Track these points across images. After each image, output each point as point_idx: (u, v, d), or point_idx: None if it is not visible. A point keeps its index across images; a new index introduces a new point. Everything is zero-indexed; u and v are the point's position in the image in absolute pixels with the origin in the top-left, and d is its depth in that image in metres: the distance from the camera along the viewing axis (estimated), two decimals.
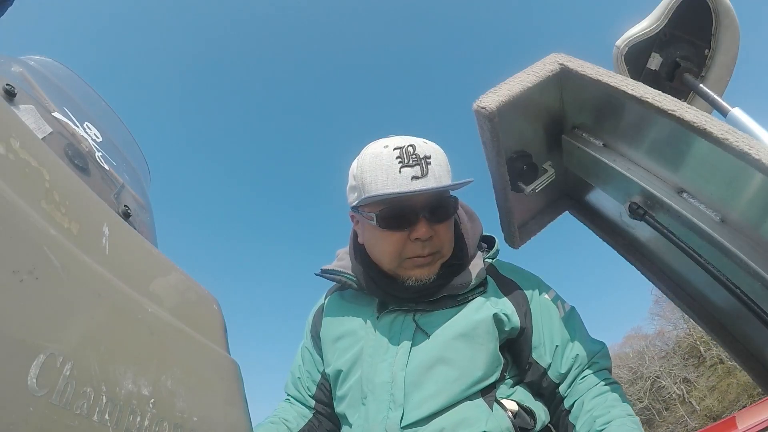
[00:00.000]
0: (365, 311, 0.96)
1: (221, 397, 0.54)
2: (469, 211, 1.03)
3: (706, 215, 0.80)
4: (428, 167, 0.81)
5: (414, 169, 0.81)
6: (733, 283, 0.79)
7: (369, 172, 0.83)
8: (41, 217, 0.39)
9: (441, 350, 0.85)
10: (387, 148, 0.84)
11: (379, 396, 0.84)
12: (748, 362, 0.97)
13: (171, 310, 0.51)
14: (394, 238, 0.86)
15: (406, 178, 0.80)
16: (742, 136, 0.68)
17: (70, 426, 0.34)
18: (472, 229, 0.99)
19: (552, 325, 0.92)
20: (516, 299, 0.93)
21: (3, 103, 0.43)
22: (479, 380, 0.84)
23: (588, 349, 0.92)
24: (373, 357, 0.88)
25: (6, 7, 0.70)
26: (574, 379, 0.90)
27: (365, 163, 0.85)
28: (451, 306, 0.90)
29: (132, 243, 0.54)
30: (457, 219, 0.97)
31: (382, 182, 0.81)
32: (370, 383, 0.86)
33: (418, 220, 0.84)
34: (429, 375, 0.83)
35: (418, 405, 0.81)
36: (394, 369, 0.85)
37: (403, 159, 0.81)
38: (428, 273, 0.88)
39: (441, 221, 0.87)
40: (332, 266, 1.02)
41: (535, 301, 0.94)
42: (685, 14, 1.01)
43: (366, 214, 0.88)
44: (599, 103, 0.94)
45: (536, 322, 0.92)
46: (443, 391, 0.82)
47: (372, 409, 0.84)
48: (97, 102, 1.12)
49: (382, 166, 0.82)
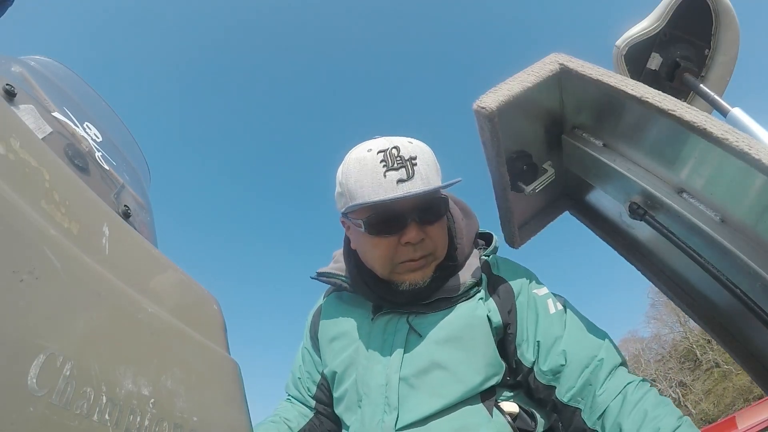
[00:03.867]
0: (360, 313, 0.95)
1: (221, 397, 0.54)
2: (465, 207, 1.01)
3: (706, 215, 0.80)
4: (414, 168, 0.79)
5: (399, 172, 0.78)
6: (733, 283, 0.79)
7: (354, 178, 0.81)
8: (41, 217, 0.39)
9: (435, 353, 0.83)
10: (371, 152, 0.81)
11: (374, 399, 0.83)
12: (748, 362, 0.97)
13: (171, 310, 0.51)
14: (385, 244, 0.84)
15: (392, 182, 0.78)
16: (742, 136, 0.68)
17: (70, 426, 0.34)
18: (468, 226, 0.96)
19: (537, 320, 0.87)
20: (501, 296, 0.89)
21: (3, 103, 0.43)
22: (478, 385, 0.81)
23: (584, 344, 0.83)
24: (368, 360, 0.87)
25: (6, 7, 0.70)
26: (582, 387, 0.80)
27: (349, 169, 0.83)
28: (445, 308, 0.88)
29: (132, 243, 0.54)
30: (450, 217, 0.95)
31: (368, 188, 0.79)
32: (365, 386, 0.85)
33: (408, 224, 0.82)
34: (423, 379, 0.82)
35: (413, 408, 0.80)
36: (388, 372, 0.84)
37: (387, 162, 0.79)
38: (422, 276, 0.87)
39: (431, 223, 0.85)
40: (328, 269, 1.01)
41: (522, 296, 0.90)
42: (685, 14, 1.01)
43: (354, 221, 0.86)
44: (599, 103, 0.94)
45: (520, 319, 0.87)
46: (438, 394, 0.80)
47: (367, 413, 0.83)
48: (97, 102, 1.12)
49: (366, 172, 0.80)
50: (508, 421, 0.80)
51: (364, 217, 0.83)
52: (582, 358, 0.82)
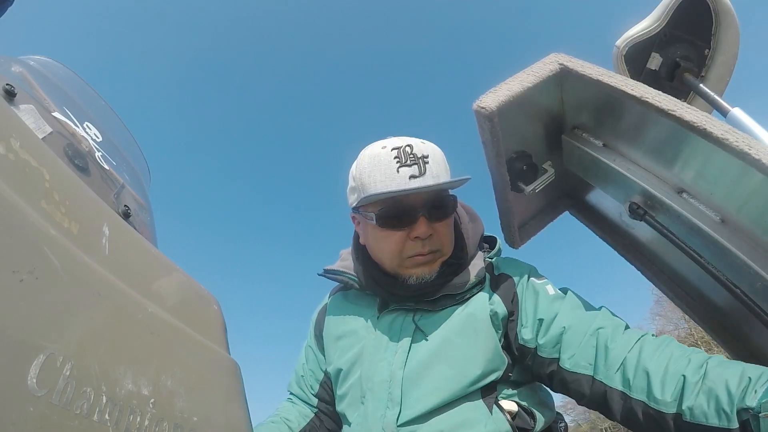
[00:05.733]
0: (367, 311, 0.97)
1: (221, 397, 0.54)
2: (471, 211, 1.03)
3: (706, 215, 0.80)
4: (426, 166, 0.82)
5: (412, 168, 0.81)
6: (733, 283, 0.79)
7: (367, 172, 0.84)
8: (41, 217, 0.39)
9: (438, 350, 0.85)
10: (385, 149, 0.85)
11: (378, 394, 0.84)
12: (748, 362, 0.97)
13: (171, 310, 0.51)
14: (395, 237, 0.86)
15: (404, 177, 0.81)
16: (742, 136, 0.68)
17: (70, 426, 0.34)
18: (473, 228, 0.99)
19: (537, 301, 0.88)
20: (505, 289, 0.92)
21: (3, 103, 0.43)
22: (478, 379, 0.83)
23: (585, 316, 0.83)
24: (372, 356, 0.89)
25: (6, 7, 0.70)
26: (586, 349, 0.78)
27: (363, 164, 0.86)
28: (450, 305, 0.90)
29: (132, 243, 0.54)
30: (457, 218, 0.97)
31: (381, 182, 0.82)
32: (369, 382, 0.87)
33: (418, 219, 0.84)
34: (426, 373, 0.83)
35: (415, 403, 0.81)
36: (393, 368, 0.86)
37: (401, 159, 0.82)
38: (429, 271, 0.89)
39: (440, 219, 0.87)
40: (335, 266, 1.03)
41: (522, 284, 0.92)
42: (685, 14, 1.01)
43: (366, 214, 0.89)
44: (599, 103, 0.94)
45: (522, 304, 0.89)
46: (440, 389, 0.82)
47: (370, 408, 0.84)
48: (97, 102, 1.13)
49: (380, 166, 0.83)
50: (507, 419, 0.81)
51: (376, 210, 0.86)
52: (583, 325, 0.81)
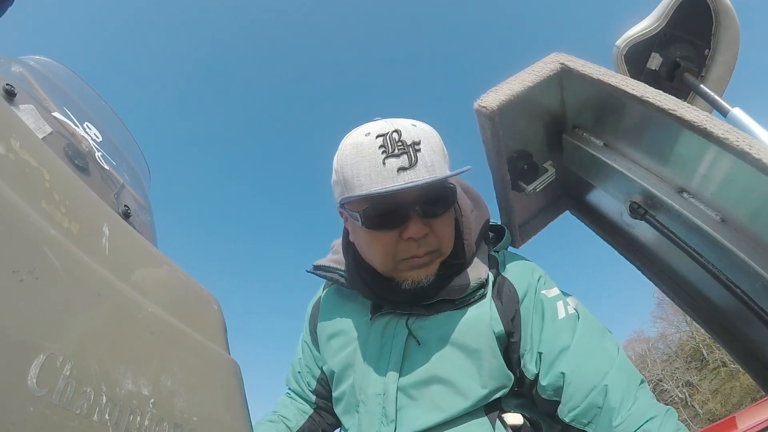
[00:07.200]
0: (359, 311, 0.88)
1: (221, 397, 0.54)
2: (475, 196, 0.91)
3: (706, 215, 0.80)
4: (417, 155, 0.69)
5: (400, 159, 0.69)
6: (733, 283, 0.79)
7: (349, 165, 0.72)
8: (41, 217, 0.39)
9: (436, 363, 0.77)
10: (368, 136, 0.72)
11: (371, 408, 0.78)
12: (748, 362, 0.97)
13: (171, 310, 0.51)
14: (384, 240, 0.75)
15: (392, 170, 0.68)
16: (743, 136, 0.68)
17: (70, 426, 0.34)
18: (477, 218, 0.86)
19: (542, 328, 0.77)
20: (505, 301, 0.80)
21: (3, 103, 0.43)
22: (482, 399, 0.75)
23: (591, 361, 0.73)
24: (365, 365, 0.82)
25: (6, 7, 0.70)
26: (587, 409, 0.70)
27: (345, 156, 0.73)
28: (448, 311, 0.79)
29: (132, 243, 0.54)
30: (458, 209, 0.85)
31: (365, 177, 0.69)
32: (362, 393, 0.81)
33: (410, 218, 0.72)
34: (423, 390, 0.76)
35: (411, 421, 0.75)
36: (386, 381, 0.78)
37: (387, 148, 0.70)
38: (426, 274, 0.78)
39: (437, 216, 0.75)
40: (325, 261, 0.94)
41: (528, 300, 0.80)
42: (685, 14, 1.01)
43: (351, 213, 0.76)
44: (600, 103, 0.94)
45: (524, 326, 0.78)
46: (438, 408, 0.75)
47: (364, 421, 0.79)
48: (97, 102, 1.13)
49: (363, 158, 0.70)
50: None
51: (361, 209, 0.73)
52: (591, 377, 0.72)
